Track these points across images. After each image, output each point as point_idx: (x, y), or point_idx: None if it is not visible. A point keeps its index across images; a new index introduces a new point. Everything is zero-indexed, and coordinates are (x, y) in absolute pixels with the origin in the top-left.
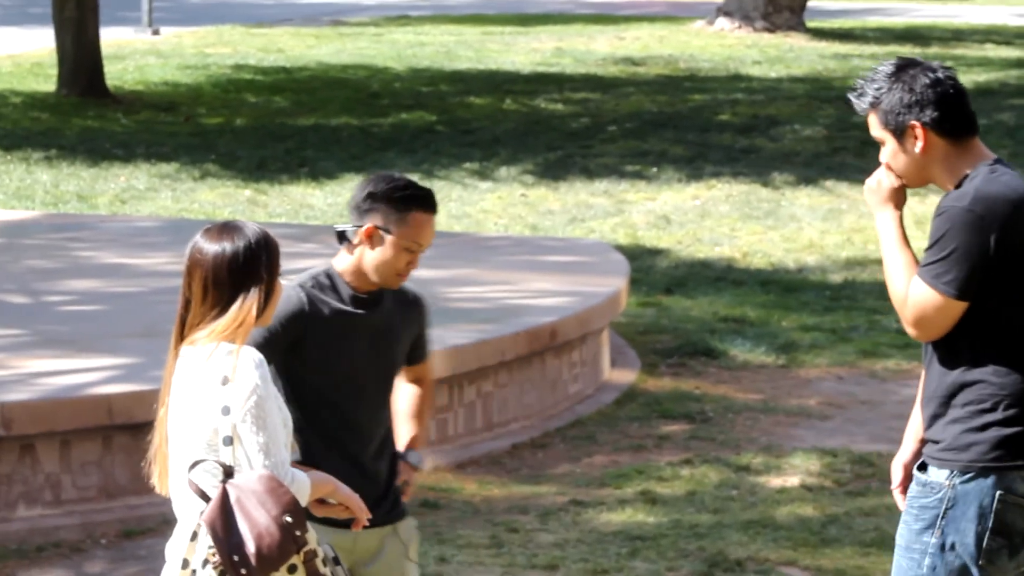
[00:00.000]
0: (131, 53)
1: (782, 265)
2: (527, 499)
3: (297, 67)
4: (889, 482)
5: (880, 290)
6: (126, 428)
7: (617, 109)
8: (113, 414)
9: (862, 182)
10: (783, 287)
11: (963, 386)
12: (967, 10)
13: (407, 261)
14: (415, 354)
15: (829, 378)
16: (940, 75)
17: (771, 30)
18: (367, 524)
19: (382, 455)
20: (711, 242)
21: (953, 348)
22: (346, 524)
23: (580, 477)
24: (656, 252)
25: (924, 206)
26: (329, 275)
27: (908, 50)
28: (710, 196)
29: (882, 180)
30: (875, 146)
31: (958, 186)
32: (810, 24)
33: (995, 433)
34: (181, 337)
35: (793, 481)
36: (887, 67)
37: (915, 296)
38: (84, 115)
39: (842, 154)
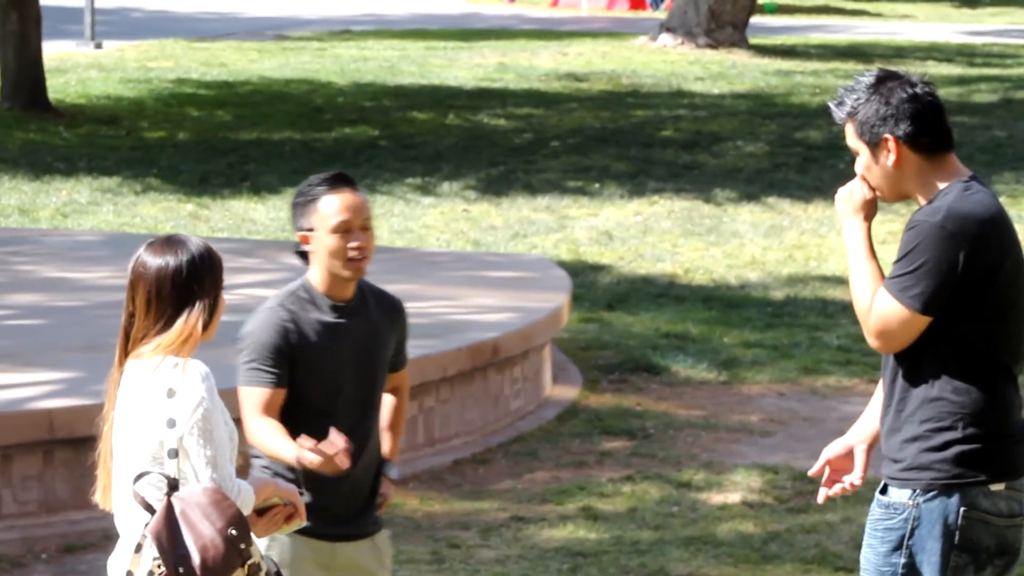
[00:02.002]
0: (73, 67)
1: (724, 281)
2: (468, 515)
3: (240, 81)
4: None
5: (822, 306)
6: (67, 443)
7: (560, 125)
8: (54, 428)
9: (804, 199)
10: (725, 303)
11: (923, 402)
12: (909, 27)
13: (348, 244)
14: (394, 361)
15: (770, 395)
16: (918, 90)
17: (714, 46)
18: (349, 535)
19: (371, 465)
20: (653, 258)
21: (916, 363)
22: (328, 536)
23: (522, 493)
24: (598, 268)
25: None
26: (307, 288)
27: (851, 67)
28: (652, 212)
29: (854, 190)
30: (816, 162)
31: (931, 201)
32: (753, 40)
33: (956, 451)
34: (126, 351)
35: (734, 498)
36: (867, 78)
37: (880, 308)
38: (26, 128)
39: (784, 170)
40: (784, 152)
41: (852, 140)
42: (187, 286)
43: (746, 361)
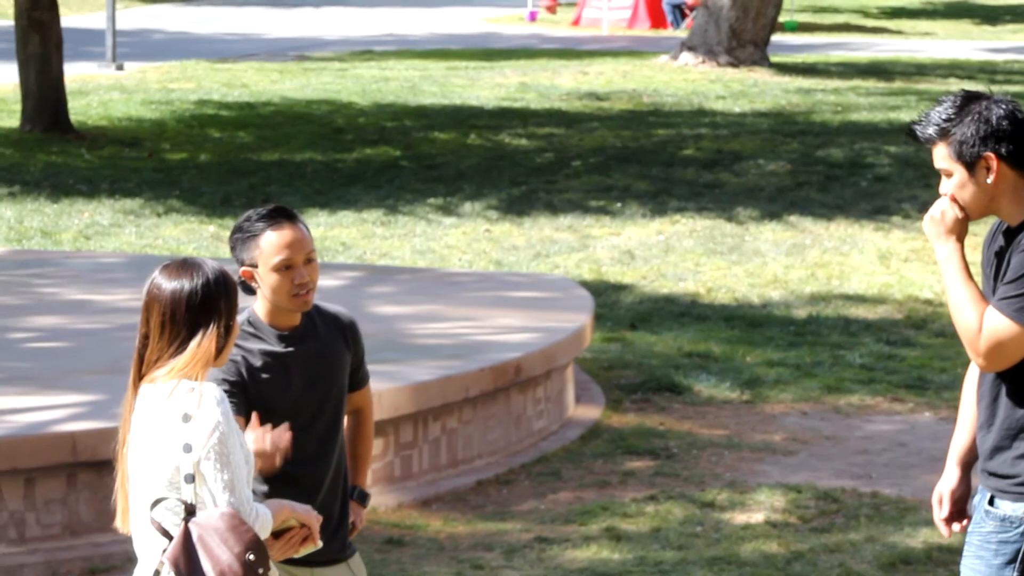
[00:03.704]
0: (95, 88)
1: (746, 300)
2: (492, 536)
3: (261, 102)
4: (855, 516)
5: (844, 325)
6: (90, 465)
7: (581, 144)
8: (77, 451)
9: (826, 217)
10: (747, 322)
11: None
12: (930, 45)
13: (292, 279)
14: (353, 380)
15: (793, 413)
16: (1011, 108)
17: (735, 65)
18: (324, 560)
19: (336, 490)
20: (675, 277)
21: (1022, 381)
22: (305, 562)
23: (545, 514)
24: (620, 287)
25: (888, 241)
26: (251, 322)
27: (872, 84)
28: (674, 231)
29: (946, 211)
30: (838, 181)
31: None
32: (774, 59)
33: None
34: (140, 374)
35: (758, 517)
36: (954, 98)
37: (992, 328)
38: (48, 151)
39: (806, 189)
40: (806, 170)
41: (943, 161)
42: (201, 309)
43: (769, 380)
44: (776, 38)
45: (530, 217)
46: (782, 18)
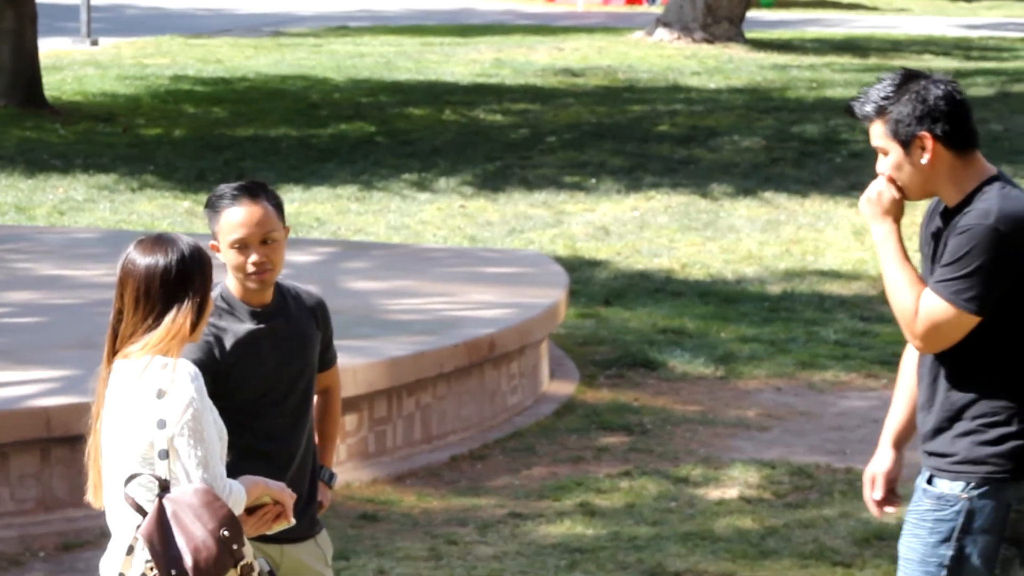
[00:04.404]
0: (69, 64)
1: (721, 276)
2: (466, 511)
3: (236, 78)
4: (829, 492)
5: (819, 301)
6: (64, 440)
7: (556, 120)
8: (51, 426)
9: (801, 193)
10: (722, 298)
11: (974, 400)
12: (905, 21)
13: (246, 259)
14: (322, 360)
15: (768, 389)
16: (950, 88)
17: (710, 41)
18: (293, 537)
19: (305, 467)
20: (650, 253)
21: (962, 363)
22: (274, 538)
23: (519, 489)
24: (595, 263)
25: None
26: (224, 298)
27: (847, 61)
28: (649, 207)
29: (883, 191)
30: (813, 157)
31: (966, 201)
32: (749, 35)
33: (1011, 445)
34: (114, 349)
35: (732, 493)
36: (893, 77)
37: (929, 310)
38: (22, 126)
39: (780, 165)
40: (781, 147)
41: (880, 140)
42: (176, 285)
43: (743, 356)
44: (751, 14)
45: (505, 193)
46: None
